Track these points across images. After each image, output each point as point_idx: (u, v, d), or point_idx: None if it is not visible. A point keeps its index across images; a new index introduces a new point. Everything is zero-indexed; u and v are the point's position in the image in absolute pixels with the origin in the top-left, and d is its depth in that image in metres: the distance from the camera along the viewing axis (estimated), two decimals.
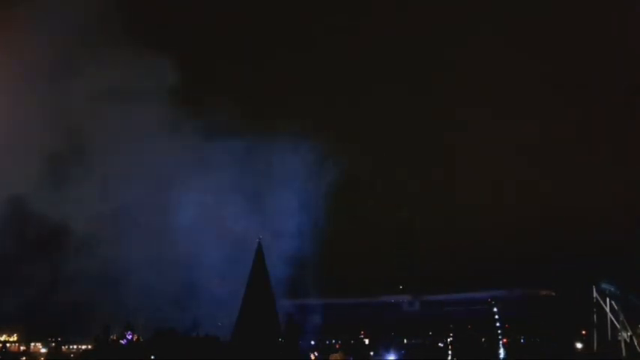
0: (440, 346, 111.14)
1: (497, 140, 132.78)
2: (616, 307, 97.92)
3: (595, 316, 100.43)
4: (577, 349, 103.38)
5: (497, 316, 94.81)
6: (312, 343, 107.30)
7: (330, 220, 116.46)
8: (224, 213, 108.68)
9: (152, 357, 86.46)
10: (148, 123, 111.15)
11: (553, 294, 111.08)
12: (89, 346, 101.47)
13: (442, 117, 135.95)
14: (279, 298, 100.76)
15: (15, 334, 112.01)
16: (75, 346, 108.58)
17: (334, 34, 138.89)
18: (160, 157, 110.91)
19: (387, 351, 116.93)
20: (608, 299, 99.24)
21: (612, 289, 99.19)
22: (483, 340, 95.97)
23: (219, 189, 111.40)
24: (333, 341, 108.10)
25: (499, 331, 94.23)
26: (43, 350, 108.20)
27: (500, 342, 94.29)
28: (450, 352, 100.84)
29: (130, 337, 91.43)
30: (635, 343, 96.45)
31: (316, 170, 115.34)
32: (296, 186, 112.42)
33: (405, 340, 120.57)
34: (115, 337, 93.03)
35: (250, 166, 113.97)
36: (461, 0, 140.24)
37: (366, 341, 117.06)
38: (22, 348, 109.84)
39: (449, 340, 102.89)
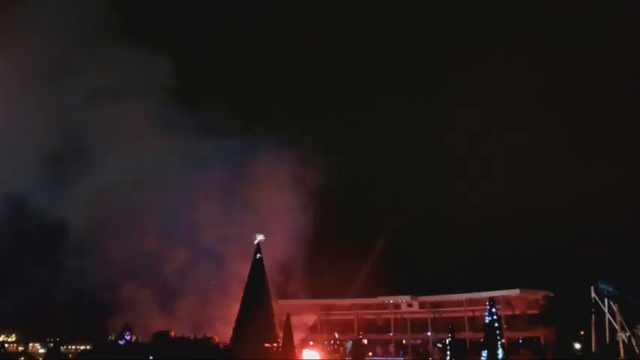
0: (439, 346, 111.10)
1: (496, 140, 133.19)
2: (614, 308, 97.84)
3: (593, 317, 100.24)
4: (575, 349, 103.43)
5: (495, 317, 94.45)
6: (311, 343, 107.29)
7: (329, 219, 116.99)
8: (223, 212, 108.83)
9: (150, 358, 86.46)
10: (146, 122, 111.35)
11: (551, 294, 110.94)
12: (87, 347, 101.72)
13: (441, 117, 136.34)
14: (277, 299, 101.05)
15: (13, 335, 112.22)
16: (73, 347, 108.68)
17: (335, 34, 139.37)
18: (159, 156, 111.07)
19: (386, 351, 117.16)
20: (606, 300, 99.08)
21: (610, 289, 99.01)
22: (482, 340, 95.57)
23: (218, 188, 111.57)
24: (332, 342, 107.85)
25: (497, 331, 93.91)
26: (42, 350, 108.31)
27: (499, 342, 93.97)
28: (448, 353, 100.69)
29: (128, 337, 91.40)
30: (634, 344, 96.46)
31: (315, 169, 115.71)
32: (294, 185, 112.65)
33: (404, 340, 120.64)
34: (113, 338, 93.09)
35: (250, 165, 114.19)
36: (460, 4, 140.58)
37: (365, 341, 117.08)
38: (20, 348, 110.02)
39: (447, 340, 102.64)
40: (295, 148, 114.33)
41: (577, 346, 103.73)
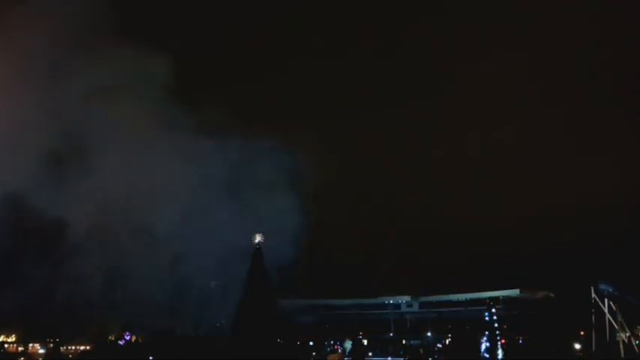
0: (438, 347, 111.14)
1: (496, 140, 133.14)
2: (614, 308, 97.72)
3: (593, 317, 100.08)
4: (575, 349, 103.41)
5: (495, 317, 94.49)
6: (311, 343, 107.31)
7: (328, 219, 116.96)
8: (223, 212, 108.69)
9: (150, 357, 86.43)
10: (146, 122, 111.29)
11: (551, 295, 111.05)
12: (87, 347, 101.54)
13: (441, 117, 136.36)
14: (277, 299, 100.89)
15: (13, 335, 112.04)
16: (73, 347, 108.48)
17: (335, 34, 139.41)
18: (158, 156, 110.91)
19: (386, 351, 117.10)
20: (606, 300, 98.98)
21: (610, 289, 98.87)
22: (482, 340, 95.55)
23: (217, 188, 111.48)
24: (332, 342, 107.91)
25: (497, 332, 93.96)
26: (42, 351, 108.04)
27: (499, 343, 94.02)
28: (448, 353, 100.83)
29: (128, 337, 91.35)
30: (634, 344, 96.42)
31: (315, 169, 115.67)
32: (294, 185, 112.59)
33: (404, 341, 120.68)
34: (113, 338, 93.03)
35: (249, 165, 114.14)
36: (460, 4, 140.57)
37: (365, 342, 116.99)
38: (20, 348, 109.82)
39: (447, 340, 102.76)
40: (295, 148, 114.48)
41: (577, 346, 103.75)
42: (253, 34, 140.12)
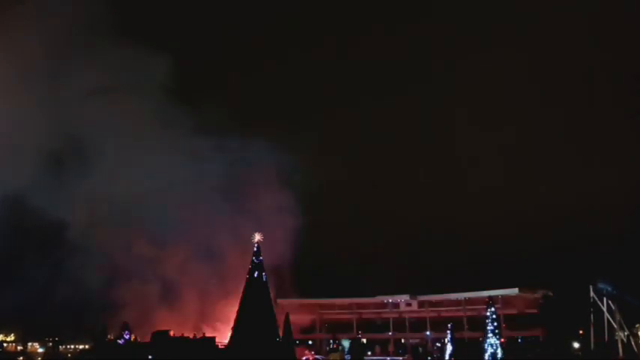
0: (437, 346, 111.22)
1: (496, 140, 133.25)
2: (613, 307, 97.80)
3: (592, 316, 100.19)
4: (574, 348, 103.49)
5: (494, 316, 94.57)
6: (310, 342, 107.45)
7: (327, 218, 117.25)
8: (222, 211, 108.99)
9: (150, 357, 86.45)
10: (146, 122, 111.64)
11: (550, 294, 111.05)
12: (86, 346, 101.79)
13: (440, 117, 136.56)
14: (276, 297, 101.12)
15: (12, 334, 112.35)
16: (72, 346, 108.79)
17: (335, 38, 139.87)
18: (158, 156, 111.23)
19: (385, 350, 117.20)
20: (605, 299, 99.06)
21: (609, 288, 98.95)
22: (480, 339, 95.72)
23: (216, 187, 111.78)
24: (331, 341, 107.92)
25: (496, 331, 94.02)
26: (41, 350, 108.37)
27: (498, 342, 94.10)
28: (447, 352, 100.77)
29: (127, 337, 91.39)
30: (632, 343, 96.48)
31: (315, 169, 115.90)
32: (293, 185, 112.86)
33: (403, 340, 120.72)
34: (112, 337, 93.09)
35: (248, 165, 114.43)
36: (460, 4, 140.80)
37: (364, 341, 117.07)
38: (19, 348, 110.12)
39: (446, 339, 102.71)
40: (294, 148, 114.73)
41: (575, 345, 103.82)
42: (253, 34, 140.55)
